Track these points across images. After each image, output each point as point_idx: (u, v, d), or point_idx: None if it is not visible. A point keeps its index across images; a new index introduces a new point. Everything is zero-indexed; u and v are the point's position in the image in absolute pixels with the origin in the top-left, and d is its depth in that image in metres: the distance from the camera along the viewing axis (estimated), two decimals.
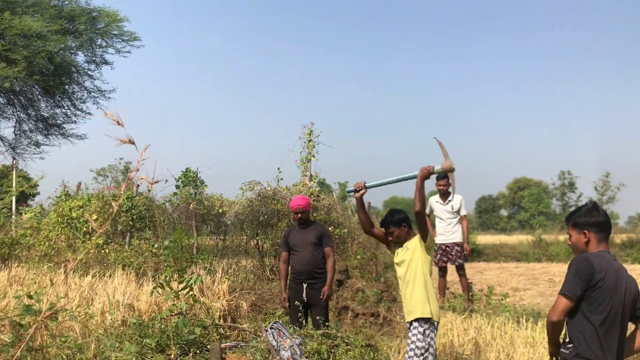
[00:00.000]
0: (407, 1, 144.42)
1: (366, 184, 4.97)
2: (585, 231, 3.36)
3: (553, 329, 3.29)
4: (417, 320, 4.58)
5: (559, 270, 21.17)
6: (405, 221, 4.84)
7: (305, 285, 6.01)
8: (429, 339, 4.55)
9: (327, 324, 5.79)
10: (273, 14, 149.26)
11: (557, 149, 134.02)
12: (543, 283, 16.93)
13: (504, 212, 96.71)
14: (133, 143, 3.65)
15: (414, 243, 4.75)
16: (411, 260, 4.70)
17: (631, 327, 3.39)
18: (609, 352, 3.18)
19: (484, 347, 6.31)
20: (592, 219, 3.36)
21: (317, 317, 5.88)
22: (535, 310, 8.95)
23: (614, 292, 3.18)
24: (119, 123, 3.63)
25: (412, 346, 4.54)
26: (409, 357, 4.55)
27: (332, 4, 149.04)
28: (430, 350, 4.56)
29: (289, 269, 6.27)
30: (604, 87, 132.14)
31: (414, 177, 4.71)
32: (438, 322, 4.69)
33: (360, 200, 5.03)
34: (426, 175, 4.68)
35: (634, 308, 3.31)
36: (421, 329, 4.55)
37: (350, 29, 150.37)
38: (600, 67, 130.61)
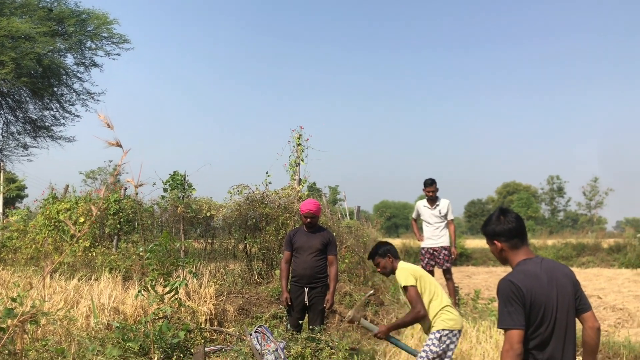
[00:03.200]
0: (400, 9, 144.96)
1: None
2: (495, 241, 3.10)
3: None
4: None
5: None
6: (390, 252, 4.96)
7: (306, 289, 6.01)
8: (444, 346, 4.61)
9: (322, 327, 5.79)
10: (266, 16, 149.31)
11: (546, 154, 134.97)
12: None
13: None
14: (120, 146, 3.63)
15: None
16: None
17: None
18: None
19: (469, 350, 6.32)
20: (499, 227, 3.08)
21: (313, 322, 5.88)
22: None
23: (546, 306, 2.91)
24: (109, 125, 3.62)
25: (426, 349, 4.63)
26: (420, 357, 4.65)
27: (325, 6, 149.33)
28: (444, 357, 4.64)
29: (291, 271, 6.22)
30: (593, 92, 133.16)
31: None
32: (460, 330, 4.75)
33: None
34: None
35: (577, 302, 3.05)
36: (438, 335, 4.63)
37: (342, 36, 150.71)
38: (588, 71, 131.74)
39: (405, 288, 4.69)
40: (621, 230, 46.48)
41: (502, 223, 3.09)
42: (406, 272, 4.76)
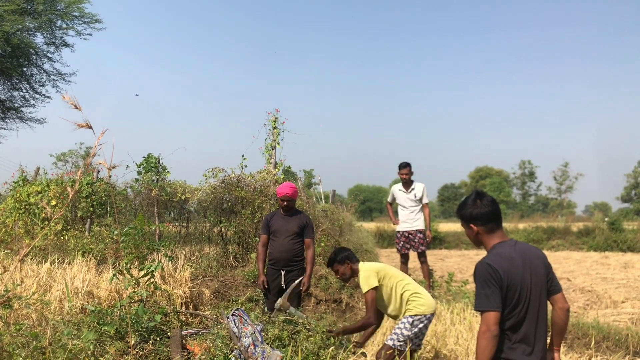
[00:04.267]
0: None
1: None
2: (471, 225, 3.16)
3: (488, 341, 2.89)
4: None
5: None
6: (348, 258, 5.04)
7: (283, 273, 6.04)
8: (416, 329, 4.71)
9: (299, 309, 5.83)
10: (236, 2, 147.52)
11: (518, 139, 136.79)
12: None
13: None
14: (90, 127, 3.55)
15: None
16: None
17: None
18: (532, 344, 3.02)
19: (443, 332, 6.42)
20: (475, 211, 3.14)
21: (291, 303, 5.91)
22: None
23: (521, 287, 2.99)
24: (76, 107, 3.53)
25: (397, 332, 4.71)
26: (390, 339, 4.73)
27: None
28: (416, 340, 4.74)
29: (268, 254, 6.25)
30: (564, 78, 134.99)
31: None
32: (433, 313, 4.84)
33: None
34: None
35: (548, 284, 3.13)
36: (410, 320, 4.72)
37: (317, 22, 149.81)
38: (561, 58, 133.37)
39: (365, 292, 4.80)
40: (590, 214, 47.48)
41: (479, 207, 3.14)
42: (368, 275, 4.82)
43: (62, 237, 10.29)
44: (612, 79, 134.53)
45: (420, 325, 4.72)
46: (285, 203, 6.15)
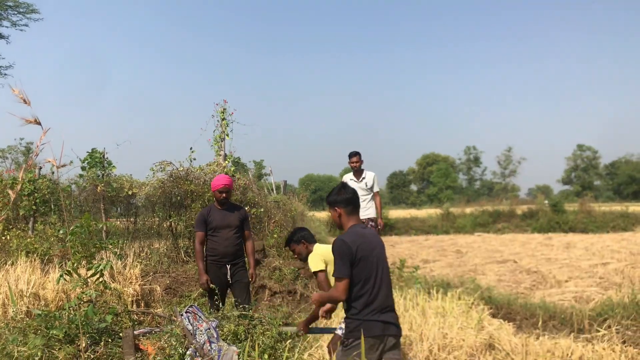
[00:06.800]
0: None
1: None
2: (336, 207, 3.82)
3: (336, 303, 3.82)
4: None
5: (466, 242, 22.23)
6: (304, 238, 5.03)
7: (229, 267, 5.92)
8: None
9: (253, 303, 5.75)
10: None
11: (463, 125, 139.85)
12: (451, 254, 17.71)
13: (414, 187, 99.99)
14: (39, 123, 3.40)
15: None
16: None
17: None
18: (388, 304, 3.66)
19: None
20: (340, 197, 3.82)
21: (240, 297, 5.84)
22: (444, 281, 9.34)
23: (371, 257, 3.63)
24: (25, 101, 3.37)
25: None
26: (340, 328, 4.72)
27: None
28: None
29: (207, 251, 6.04)
30: (505, 63, 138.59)
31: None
32: None
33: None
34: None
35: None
36: None
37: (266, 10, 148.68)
38: (502, 43, 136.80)
39: (315, 274, 4.77)
40: (533, 197, 49.07)
41: (342, 194, 3.84)
42: (317, 257, 4.82)
43: (3, 237, 9.88)
44: (553, 60, 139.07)
45: None
46: (224, 195, 5.99)
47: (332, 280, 4.87)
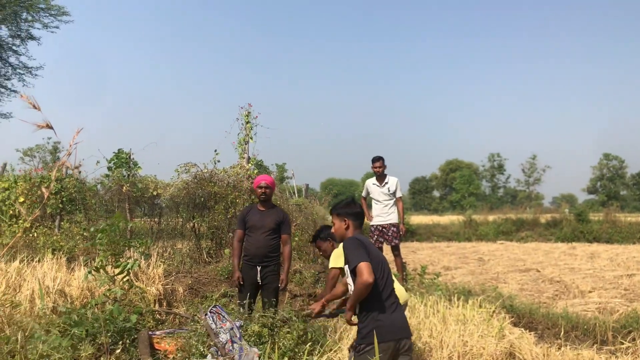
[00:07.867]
0: None
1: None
2: (346, 219, 3.96)
3: (367, 289, 3.56)
4: None
5: (488, 249, 22.01)
6: (331, 236, 5.13)
7: (259, 268, 5.97)
8: None
9: (277, 307, 5.80)
10: None
11: (488, 132, 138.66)
12: (473, 262, 17.54)
13: (436, 193, 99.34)
14: (51, 127, 3.46)
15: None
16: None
17: None
18: (392, 303, 3.68)
19: (417, 325, 6.48)
20: (351, 210, 3.98)
21: (268, 299, 5.90)
22: (466, 289, 9.27)
23: (376, 258, 3.70)
24: (35, 107, 3.43)
25: None
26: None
27: None
28: None
29: (243, 250, 6.13)
30: (532, 72, 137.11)
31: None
32: (405, 304, 4.92)
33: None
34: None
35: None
36: None
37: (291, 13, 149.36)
38: (529, 53, 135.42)
39: (330, 269, 4.83)
40: (557, 205, 48.38)
41: (353, 208, 4.00)
42: (338, 254, 4.83)
43: (30, 235, 10.08)
44: (580, 73, 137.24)
45: None
46: (263, 191, 6.08)
47: (337, 284, 4.89)
